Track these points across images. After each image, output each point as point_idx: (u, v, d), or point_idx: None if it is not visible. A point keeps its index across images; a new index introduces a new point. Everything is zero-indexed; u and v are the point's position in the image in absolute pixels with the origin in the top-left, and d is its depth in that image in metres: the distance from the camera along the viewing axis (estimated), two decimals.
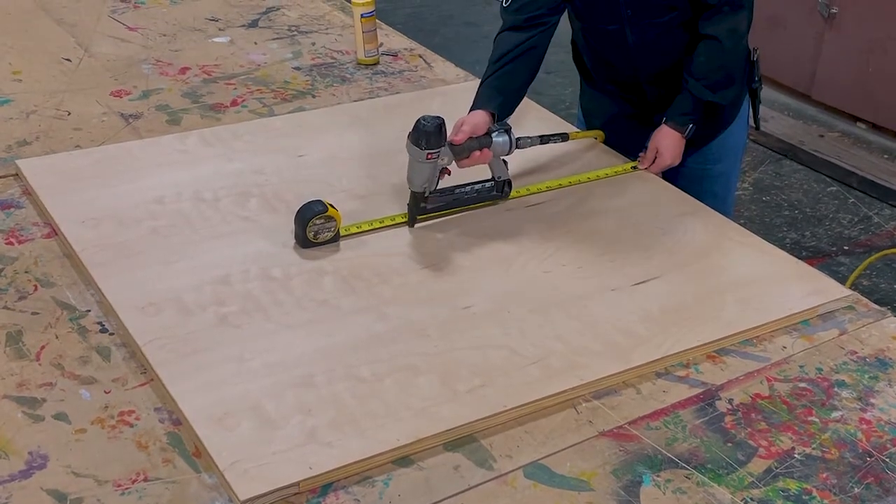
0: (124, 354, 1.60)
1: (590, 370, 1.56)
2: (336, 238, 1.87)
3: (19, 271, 1.80)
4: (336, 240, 1.87)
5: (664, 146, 2.12)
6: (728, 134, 2.28)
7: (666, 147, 2.11)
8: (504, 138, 1.96)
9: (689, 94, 2.09)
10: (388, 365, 1.56)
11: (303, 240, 1.84)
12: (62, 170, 2.09)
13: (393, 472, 1.39)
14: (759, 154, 4.35)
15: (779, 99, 4.77)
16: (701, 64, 2.08)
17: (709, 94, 2.09)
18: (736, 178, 2.41)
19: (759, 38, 5.01)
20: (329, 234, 1.85)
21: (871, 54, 4.28)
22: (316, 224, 1.83)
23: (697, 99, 2.09)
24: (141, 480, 1.36)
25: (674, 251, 1.88)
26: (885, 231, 3.80)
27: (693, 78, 2.08)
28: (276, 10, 3.05)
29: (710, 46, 2.07)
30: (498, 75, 2.03)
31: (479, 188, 2.00)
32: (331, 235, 1.86)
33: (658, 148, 2.13)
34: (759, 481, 1.39)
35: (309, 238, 1.84)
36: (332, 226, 1.85)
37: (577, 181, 2.10)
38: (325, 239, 1.85)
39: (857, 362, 1.62)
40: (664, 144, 2.12)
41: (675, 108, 2.12)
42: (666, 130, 2.12)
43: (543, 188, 2.08)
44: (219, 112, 2.41)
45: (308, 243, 1.84)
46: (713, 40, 2.06)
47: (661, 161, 2.13)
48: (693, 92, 2.09)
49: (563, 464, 1.41)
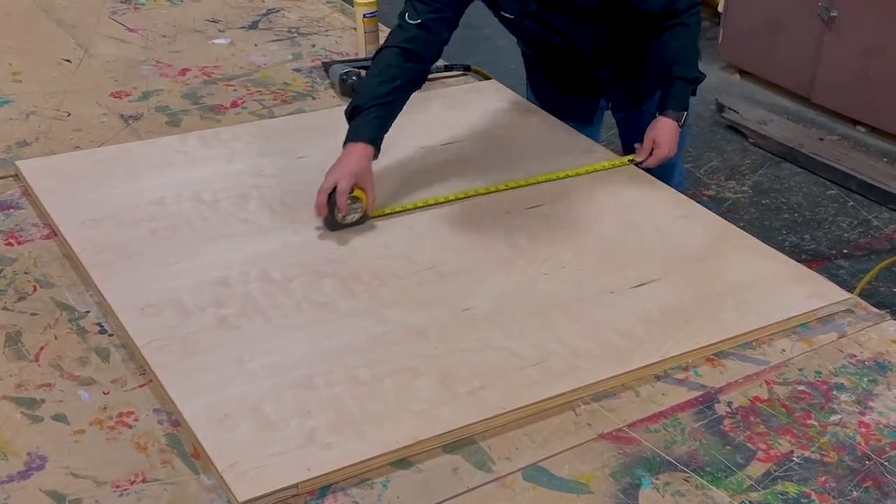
0: (123, 355, 1.60)
1: (589, 372, 1.56)
2: (363, 220, 1.90)
3: (19, 272, 1.80)
4: (363, 221, 1.91)
5: (663, 138, 2.13)
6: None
7: (664, 138, 2.13)
8: None
9: (678, 80, 2.14)
10: (388, 367, 1.56)
11: (331, 222, 1.88)
12: (62, 171, 2.09)
13: (392, 474, 1.39)
14: (758, 157, 4.35)
15: (778, 102, 4.77)
16: (676, 49, 2.14)
17: (692, 71, 2.15)
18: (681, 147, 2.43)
19: (760, 41, 5.04)
20: (356, 215, 1.89)
21: (870, 58, 4.28)
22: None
23: (686, 82, 2.14)
24: (140, 481, 1.36)
25: (673, 254, 1.88)
26: (884, 234, 3.80)
27: (675, 64, 2.14)
28: (276, 12, 3.05)
29: (676, 30, 2.13)
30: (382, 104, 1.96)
31: None
32: (358, 217, 1.89)
33: (656, 139, 2.14)
34: (758, 484, 1.39)
35: (337, 220, 1.88)
36: (359, 206, 1.89)
37: (575, 174, 2.12)
38: (352, 221, 1.89)
39: (856, 365, 1.62)
40: (663, 136, 2.13)
41: (669, 99, 2.15)
42: (664, 122, 2.14)
43: (542, 179, 2.09)
44: (218, 113, 2.41)
45: (336, 225, 1.88)
46: (679, 25, 2.13)
47: (660, 152, 2.14)
48: (680, 76, 2.13)
49: (561, 466, 1.41)
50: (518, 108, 2.45)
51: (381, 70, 2.00)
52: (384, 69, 2.00)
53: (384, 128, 1.97)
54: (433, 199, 2.01)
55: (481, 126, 2.34)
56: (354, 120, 1.96)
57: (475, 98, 2.49)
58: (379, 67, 2.01)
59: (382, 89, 1.97)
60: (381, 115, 1.96)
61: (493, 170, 2.13)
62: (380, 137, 1.95)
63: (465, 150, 2.24)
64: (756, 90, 4.90)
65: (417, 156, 2.19)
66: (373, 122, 1.94)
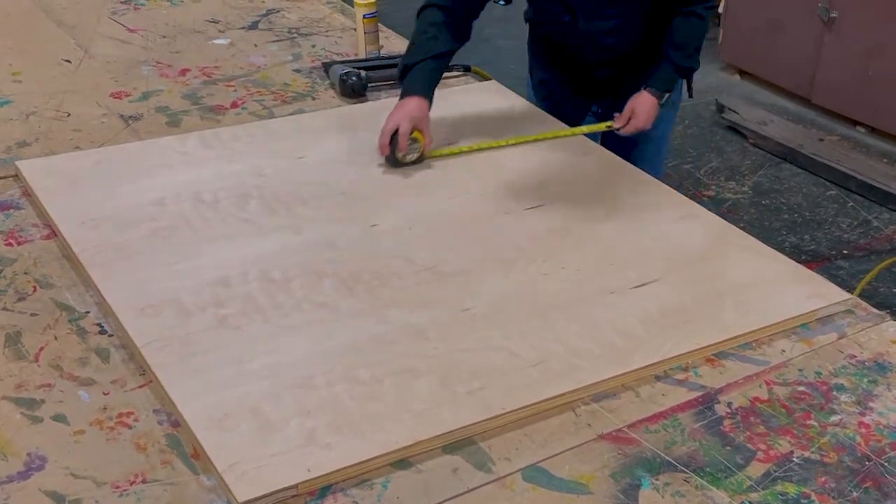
0: (123, 356, 1.60)
1: (589, 373, 1.56)
2: (421, 159, 2.12)
3: (18, 272, 1.80)
4: (421, 160, 2.12)
5: (641, 109, 2.26)
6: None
7: (642, 110, 2.26)
8: None
9: (672, 65, 2.26)
10: (388, 367, 1.56)
11: (393, 161, 2.09)
12: (62, 171, 2.09)
13: (391, 475, 1.39)
14: (758, 158, 4.35)
15: (778, 102, 4.77)
16: (683, 36, 2.24)
17: (689, 61, 2.27)
18: (666, 142, 2.58)
19: (760, 42, 5.03)
20: (415, 154, 2.11)
21: (870, 58, 4.28)
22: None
23: (678, 68, 2.27)
24: (139, 482, 1.36)
25: (673, 254, 1.88)
26: (884, 235, 3.81)
27: (674, 49, 2.25)
28: (276, 13, 3.05)
29: (691, 19, 2.23)
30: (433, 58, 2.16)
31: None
32: (416, 156, 2.12)
33: (634, 109, 2.26)
34: (758, 485, 1.39)
35: (398, 158, 2.09)
36: (418, 147, 2.10)
37: (553, 136, 2.27)
38: (411, 160, 2.11)
39: (856, 366, 1.62)
40: (641, 108, 2.26)
41: (657, 77, 2.27)
42: (645, 96, 2.27)
43: (513, 142, 2.23)
44: (218, 114, 2.42)
45: (397, 163, 2.10)
46: (694, 16, 2.23)
47: (636, 122, 2.27)
48: (675, 61, 2.26)
49: (561, 467, 1.41)
50: (518, 109, 2.45)
51: (427, 27, 2.18)
52: (429, 27, 2.18)
53: (435, 81, 2.18)
54: (486, 144, 2.21)
55: (481, 126, 2.34)
56: (407, 76, 2.16)
57: (475, 98, 2.49)
58: (424, 25, 2.19)
59: (429, 45, 2.17)
60: (432, 69, 2.17)
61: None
62: (432, 90, 2.16)
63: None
64: (756, 91, 4.91)
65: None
66: (425, 76, 2.15)
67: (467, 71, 2.67)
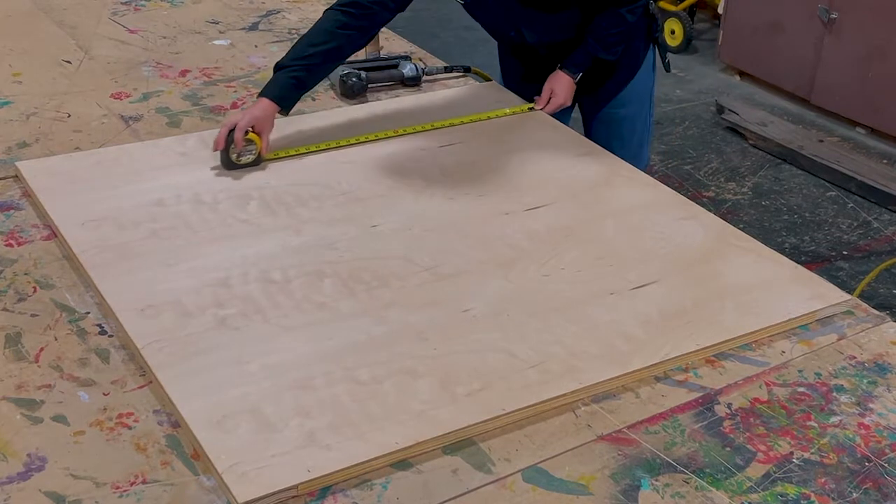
0: (123, 356, 1.60)
1: (589, 374, 1.56)
2: (258, 161, 2.10)
3: (19, 273, 1.80)
4: (258, 163, 2.10)
5: (559, 88, 2.40)
6: (635, 81, 2.53)
7: (561, 89, 2.40)
8: (410, 66, 2.48)
9: (587, 51, 2.37)
10: (387, 368, 1.56)
11: (226, 161, 2.07)
12: (62, 172, 2.09)
13: (391, 476, 1.39)
14: (758, 159, 4.36)
15: (778, 103, 4.78)
16: (602, 29, 2.33)
17: (603, 53, 2.38)
18: (644, 124, 2.63)
19: (759, 43, 5.04)
20: (250, 156, 2.09)
21: (870, 59, 4.28)
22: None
23: (591, 55, 2.38)
24: (139, 483, 1.36)
25: (673, 255, 1.88)
26: (884, 236, 3.81)
27: (593, 39, 2.35)
28: (277, 14, 3.06)
29: (615, 16, 2.32)
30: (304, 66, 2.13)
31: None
32: (252, 158, 2.09)
33: (553, 89, 2.40)
34: (758, 486, 1.39)
35: (232, 159, 2.07)
36: (253, 149, 2.09)
37: (479, 119, 2.36)
38: (246, 161, 2.09)
39: (855, 367, 1.63)
40: (559, 87, 2.40)
41: (572, 58, 2.39)
42: (561, 75, 2.41)
43: (447, 124, 2.31)
44: (219, 115, 2.42)
45: (231, 164, 2.08)
46: (618, 15, 2.32)
47: (556, 101, 2.40)
48: (590, 50, 2.37)
49: (561, 468, 1.41)
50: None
51: (315, 32, 2.17)
52: (317, 32, 2.16)
53: (298, 89, 2.15)
54: (325, 144, 2.20)
55: (481, 126, 2.35)
56: (273, 76, 2.13)
57: (475, 99, 2.49)
58: (314, 29, 2.17)
59: (307, 52, 2.14)
60: (298, 77, 2.13)
61: (487, 173, 2.13)
62: (290, 97, 2.13)
63: (464, 151, 2.24)
64: (756, 92, 4.91)
65: (416, 156, 2.19)
66: (287, 82, 2.12)
67: (467, 72, 2.68)
